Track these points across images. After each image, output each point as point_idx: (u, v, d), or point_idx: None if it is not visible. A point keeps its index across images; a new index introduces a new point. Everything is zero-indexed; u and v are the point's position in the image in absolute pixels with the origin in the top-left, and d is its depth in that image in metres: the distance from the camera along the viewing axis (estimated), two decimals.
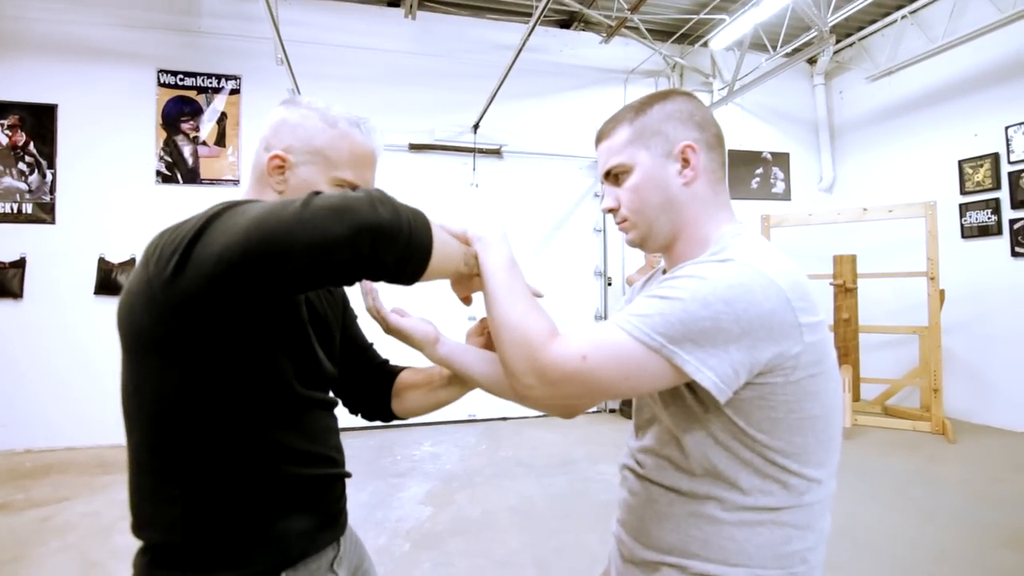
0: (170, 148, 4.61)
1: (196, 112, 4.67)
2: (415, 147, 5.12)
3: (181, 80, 4.65)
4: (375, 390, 1.02)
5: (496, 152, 5.36)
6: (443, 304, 1.95)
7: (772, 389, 0.68)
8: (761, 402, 0.68)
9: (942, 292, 4.35)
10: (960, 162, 4.88)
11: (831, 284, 4.67)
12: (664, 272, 0.90)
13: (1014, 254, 4.50)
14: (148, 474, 0.73)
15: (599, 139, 0.86)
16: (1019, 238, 4.48)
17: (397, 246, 0.61)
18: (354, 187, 0.83)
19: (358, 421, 1.08)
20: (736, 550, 0.71)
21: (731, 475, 0.72)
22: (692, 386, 0.70)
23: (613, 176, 0.84)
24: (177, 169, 4.61)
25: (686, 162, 0.80)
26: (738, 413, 0.69)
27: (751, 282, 0.66)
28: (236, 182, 4.69)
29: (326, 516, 0.84)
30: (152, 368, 0.69)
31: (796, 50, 5.52)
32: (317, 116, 0.83)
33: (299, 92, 3.99)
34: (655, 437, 0.82)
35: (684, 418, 0.75)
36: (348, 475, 0.91)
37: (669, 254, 0.85)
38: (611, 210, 0.85)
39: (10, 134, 4.33)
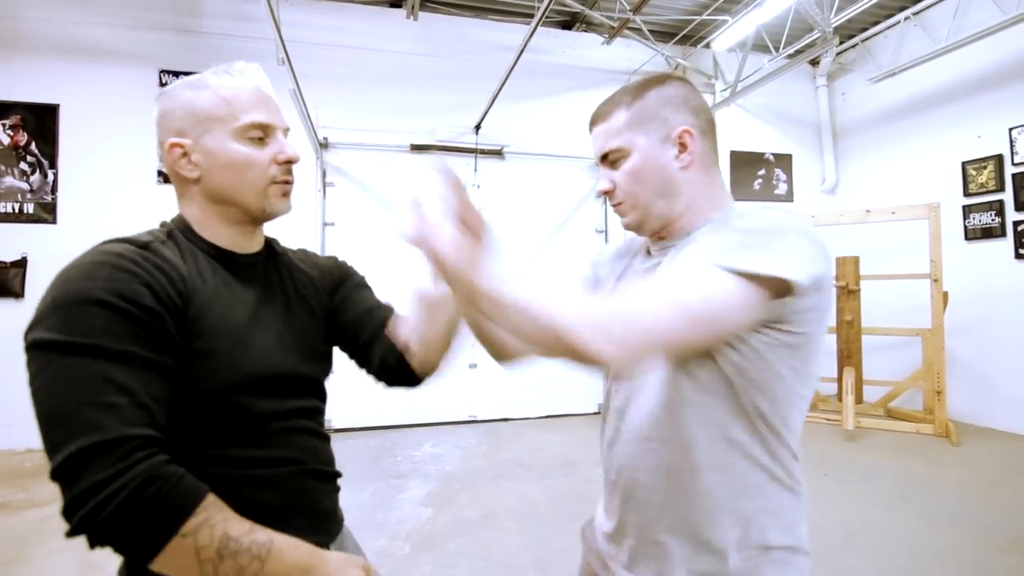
0: None
1: None
2: (416, 148, 5.11)
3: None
4: (384, 352, 0.92)
5: (498, 153, 5.35)
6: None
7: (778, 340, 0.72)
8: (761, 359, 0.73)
9: (945, 294, 4.34)
10: (964, 164, 4.86)
11: (834, 286, 4.65)
12: (648, 251, 0.91)
13: (1018, 256, 4.48)
14: None
15: (595, 122, 0.86)
16: (1023, 240, 4.46)
17: None
18: (263, 126, 0.79)
19: (357, 422, 1.05)
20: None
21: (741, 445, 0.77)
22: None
23: (609, 160, 0.84)
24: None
25: (683, 147, 0.81)
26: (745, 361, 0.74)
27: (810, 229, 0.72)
28: None
29: (298, 512, 0.78)
30: None
31: (799, 51, 5.51)
32: (183, 87, 0.80)
33: (301, 93, 3.99)
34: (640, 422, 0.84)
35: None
36: (329, 474, 0.85)
37: (666, 231, 0.86)
38: (606, 192, 0.86)
39: (12, 134, 4.33)
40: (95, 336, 0.60)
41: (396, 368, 0.91)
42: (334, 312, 0.94)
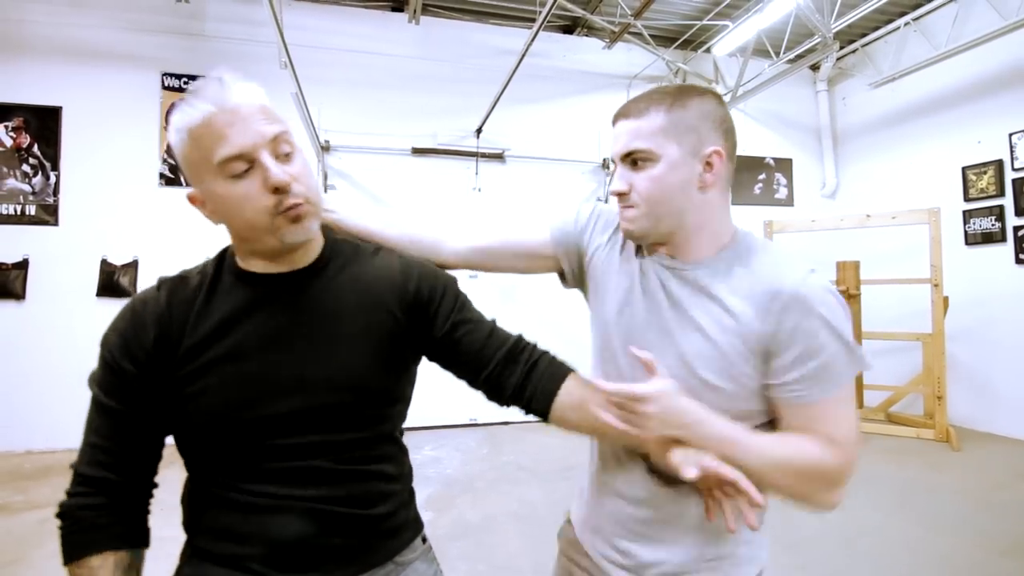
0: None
1: None
2: (418, 151, 5.12)
3: (185, 83, 4.67)
4: (533, 395, 0.90)
5: (499, 156, 5.36)
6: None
7: None
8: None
9: (946, 299, 4.33)
10: (964, 169, 4.87)
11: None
12: (632, 245, 0.91)
13: (1018, 261, 4.48)
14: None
15: (624, 115, 0.81)
16: (1023, 245, 4.46)
17: None
18: (238, 156, 0.70)
19: None
20: None
21: None
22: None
23: (632, 160, 0.80)
24: (180, 172, 4.61)
25: (709, 166, 0.79)
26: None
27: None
28: None
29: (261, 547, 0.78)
30: None
31: (799, 56, 5.52)
32: (170, 130, 0.74)
33: (303, 96, 4.00)
34: None
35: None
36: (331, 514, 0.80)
37: (671, 245, 0.84)
38: (620, 194, 0.82)
39: (15, 136, 4.35)
40: (94, 383, 0.79)
41: (539, 412, 0.91)
42: (431, 342, 0.89)
